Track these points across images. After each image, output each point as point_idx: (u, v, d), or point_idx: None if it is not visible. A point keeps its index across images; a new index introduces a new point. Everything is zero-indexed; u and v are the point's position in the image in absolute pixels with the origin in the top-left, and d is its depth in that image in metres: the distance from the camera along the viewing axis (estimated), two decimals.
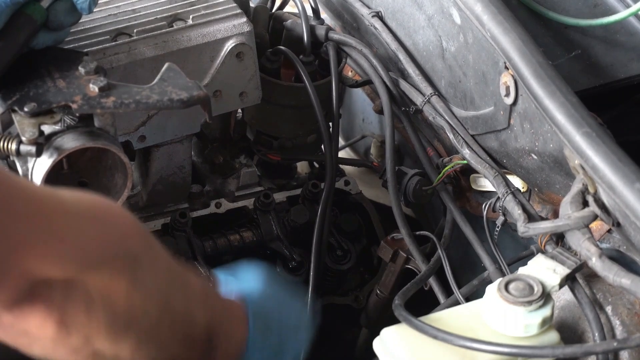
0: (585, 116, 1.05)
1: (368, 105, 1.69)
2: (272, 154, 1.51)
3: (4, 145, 1.09)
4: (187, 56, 1.29)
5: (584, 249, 1.04)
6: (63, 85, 1.12)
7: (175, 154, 1.38)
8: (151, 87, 1.13)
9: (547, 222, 1.12)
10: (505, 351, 0.97)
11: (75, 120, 1.14)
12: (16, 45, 1.13)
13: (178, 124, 1.33)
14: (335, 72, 1.42)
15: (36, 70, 1.15)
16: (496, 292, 1.02)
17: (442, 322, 1.03)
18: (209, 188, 1.49)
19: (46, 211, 0.84)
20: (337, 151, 1.41)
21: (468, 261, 1.39)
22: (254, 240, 1.45)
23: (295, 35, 1.47)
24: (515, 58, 1.13)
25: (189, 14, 1.33)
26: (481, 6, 1.20)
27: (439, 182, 1.37)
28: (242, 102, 1.36)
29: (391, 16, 1.48)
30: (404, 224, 1.35)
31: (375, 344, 1.05)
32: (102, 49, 1.26)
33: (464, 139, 1.32)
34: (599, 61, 1.31)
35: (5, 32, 1.13)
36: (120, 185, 1.18)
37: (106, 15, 1.33)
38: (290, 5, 1.56)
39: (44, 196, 0.86)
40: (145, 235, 0.97)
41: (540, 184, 1.23)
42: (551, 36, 1.32)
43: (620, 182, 0.97)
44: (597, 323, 1.04)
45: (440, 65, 1.37)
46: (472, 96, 1.30)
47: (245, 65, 1.33)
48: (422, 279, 1.25)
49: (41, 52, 1.19)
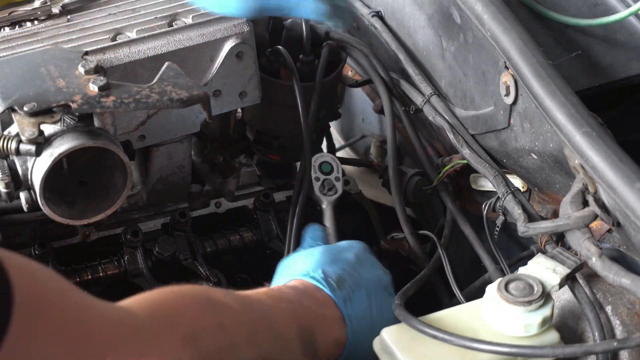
0: (586, 116, 1.05)
1: (368, 105, 1.69)
2: (272, 153, 1.51)
3: (3, 145, 1.09)
4: (187, 56, 1.29)
5: (584, 249, 1.04)
6: (63, 85, 1.12)
7: (175, 154, 1.38)
8: (151, 87, 1.13)
9: (547, 222, 1.12)
10: (505, 351, 0.97)
11: (75, 119, 1.14)
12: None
13: (178, 124, 1.33)
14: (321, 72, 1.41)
15: (36, 69, 1.15)
16: (496, 291, 1.02)
17: (442, 322, 1.03)
18: (209, 188, 1.49)
19: (124, 334, 0.84)
20: (310, 153, 1.41)
21: (468, 261, 1.39)
22: (254, 240, 1.45)
23: (295, 34, 1.46)
24: (516, 57, 1.13)
25: (188, 13, 1.33)
26: (481, 6, 1.20)
27: (439, 181, 1.37)
28: (242, 101, 1.36)
29: (391, 16, 1.48)
30: (406, 223, 1.35)
31: (375, 344, 1.05)
32: (102, 49, 1.25)
33: (464, 139, 1.32)
34: (599, 61, 1.31)
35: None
36: (120, 185, 1.18)
37: (106, 15, 1.33)
38: None
39: (117, 317, 0.85)
40: (216, 307, 0.97)
41: (540, 183, 1.23)
42: (551, 36, 1.32)
43: (620, 181, 0.97)
44: (597, 323, 1.04)
45: (440, 65, 1.37)
46: (472, 96, 1.30)
47: (245, 65, 1.33)
48: (422, 279, 1.25)
49: (41, 52, 1.18)
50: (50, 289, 0.79)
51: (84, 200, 1.19)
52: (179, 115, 1.32)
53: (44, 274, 0.80)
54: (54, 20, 1.33)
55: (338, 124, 1.95)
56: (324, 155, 1.43)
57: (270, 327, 1.04)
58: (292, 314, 1.07)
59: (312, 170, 1.40)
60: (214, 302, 0.98)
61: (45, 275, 0.80)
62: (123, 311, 0.87)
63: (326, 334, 1.10)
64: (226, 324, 0.97)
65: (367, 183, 1.64)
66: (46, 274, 0.81)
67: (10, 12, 1.35)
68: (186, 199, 1.45)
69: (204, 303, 0.97)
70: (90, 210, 1.18)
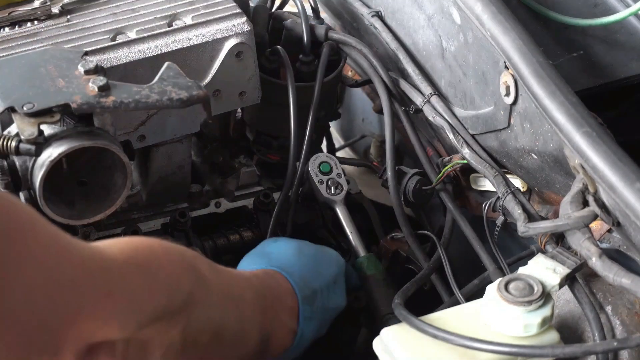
0: (586, 116, 1.05)
1: (368, 105, 1.69)
2: (271, 153, 1.51)
3: (3, 145, 1.09)
4: (187, 56, 1.29)
5: (584, 249, 1.04)
6: (62, 85, 1.12)
7: (175, 154, 1.37)
8: (151, 87, 1.13)
9: (547, 222, 1.12)
10: (505, 351, 0.97)
11: (74, 119, 1.14)
12: None
13: (178, 124, 1.33)
14: (321, 72, 1.41)
15: (35, 69, 1.15)
16: (496, 291, 1.02)
17: (442, 322, 1.03)
18: (209, 188, 1.49)
19: (93, 271, 0.83)
20: (298, 154, 1.41)
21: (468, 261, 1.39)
22: (253, 240, 1.45)
23: (294, 34, 1.47)
24: (515, 58, 1.13)
25: (188, 13, 1.33)
26: (481, 6, 1.20)
27: (438, 182, 1.37)
28: (241, 101, 1.36)
29: (391, 16, 1.48)
30: (405, 223, 1.35)
31: (375, 344, 1.05)
32: (102, 49, 1.25)
33: (464, 139, 1.32)
34: (599, 61, 1.31)
35: None
36: (119, 184, 1.18)
37: (106, 15, 1.33)
38: (289, 4, 1.56)
39: (88, 255, 0.84)
40: (195, 268, 0.97)
41: (540, 183, 1.23)
42: (551, 36, 1.32)
43: (620, 181, 0.97)
44: (597, 323, 1.04)
45: (440, 64, 1.37)
46: (472, 96, 1.30)
47: (245, 65, 1.33)
48: (422, 279, 1.25)
49: (41, 52, 1.18)
50: (25, 218, 0.79)
51: (84, 200, 1.19)
52: (179, 115, 1.31)
53: (19, 204, 0.80)
54: (54, 20, 1.33)
55: (338, 124, 1.95)
56: (319, 155, 1.43)
57: (237, 318, 1.04)
58: (261, 308, 1.09)
59: (313, 175, 1.40)
60: (196, 271, 0.98)
61: (20, 205, 0.80)
62: (95, 249, 0.86)
63: (284, 327, 1.13)
64: (196, 297, 0.96)
65: (367, 183, 1.64)
66: (21, 204, 0.81)
67: (10, 12, 1.35)
68: (186, 199, 1.45)
69: (187, 267, 0.97)
70: (90, 210, 1.18)
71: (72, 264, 0.81)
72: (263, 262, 1.20)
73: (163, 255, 0.94)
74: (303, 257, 1.21)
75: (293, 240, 1.27)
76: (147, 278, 0.90)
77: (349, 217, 1.39)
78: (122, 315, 0.85)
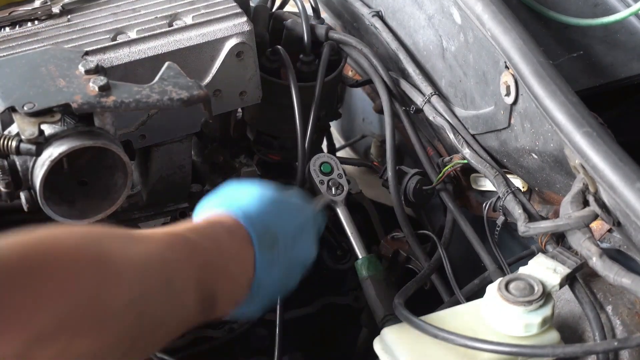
0: (586, 116, 1.05)
1: (368, 105, 1.69)
2: (272, 153, 1.51)
3: (4, 145, 1.09)
4: (187, 56, 1.29)
5: (585, 249, 1.04)
6: (63, 85, 1.12)
7: (176, 154, 1.38)
8: (151, 87, 1.13)
9: (547, 222, 1.12)
10: (506, 350, 0.97)
11: (75, 119, 1.14)
12: None
13: (178, 124, 1.33)
14: (322, 72, 1.41)
15: (36, 69, 1.15)
16: (496, 291, 1.02)
17: (443, 322, 1.03)
18: (209, 188, 1.49)
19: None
20: (305, 155, 1.40)
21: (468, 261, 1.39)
22: None
23: (295, 34, 1.47)
24: (516, 57, 1.13)
25: (189, 13, 1.33)
26: (481, 6, 1.20)
27: (439, 181, 1.37)
28: (242, 101, 1.36)
29: (391, 16, 1.48)
30: (405, 223, 1.35)
31: (375, 343, 1.05)
32: (102, 49, 1.25)
33: (464, 139, 1.32)
34: (599, 61, 1.31)
35: None
36: (120, 184, 1.18)
37: (106, 15, 1.33)
38: (290, 4, 1.56)
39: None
40: (99, 259, 0.86)
41: (540, 183, 1.23)
42: (551, 36, 1.32)
43: (620, 181, 0.97)
44: (598, 323, 1.04)
45: (441, 64, 1.37)
46: (473, 96, 1.30)
47: (246, 65, 1.33)
48: (422, 278, 1.25)
49: (41, 52, 1.18)
50: None
51: (84, 200, 1.19)
52: (179, 115, 1.32)
53: None
54: (54, 20, 1.33)
55: (338, 124, 1.95)
56: (320, 156, 1.42)
57: (163, 284, 0.92)
58: (196, 265, 0.96)
59: (314, 175, 1.40)
60: (100, 261, 0.86)
61: None
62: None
63: (234, 279, 1.00)
64: (103, 296, 0.84)
65: (367, 183, 1.64)
66: None
67: (11, 12, 1.35)
68: (186, 198, 1.45)
69: (89, 263, 0.85)
70: (91, 210, 1.18)
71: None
72: (221, 205, 1.06)
73: (59, 257, 0.83)
74: (265, 201, 1.07)
75: (257, 184, 1.12)
76: (33, 291, 0.78)
77: (349, 218, 1.39)
78: (7, 334, 0.75)
